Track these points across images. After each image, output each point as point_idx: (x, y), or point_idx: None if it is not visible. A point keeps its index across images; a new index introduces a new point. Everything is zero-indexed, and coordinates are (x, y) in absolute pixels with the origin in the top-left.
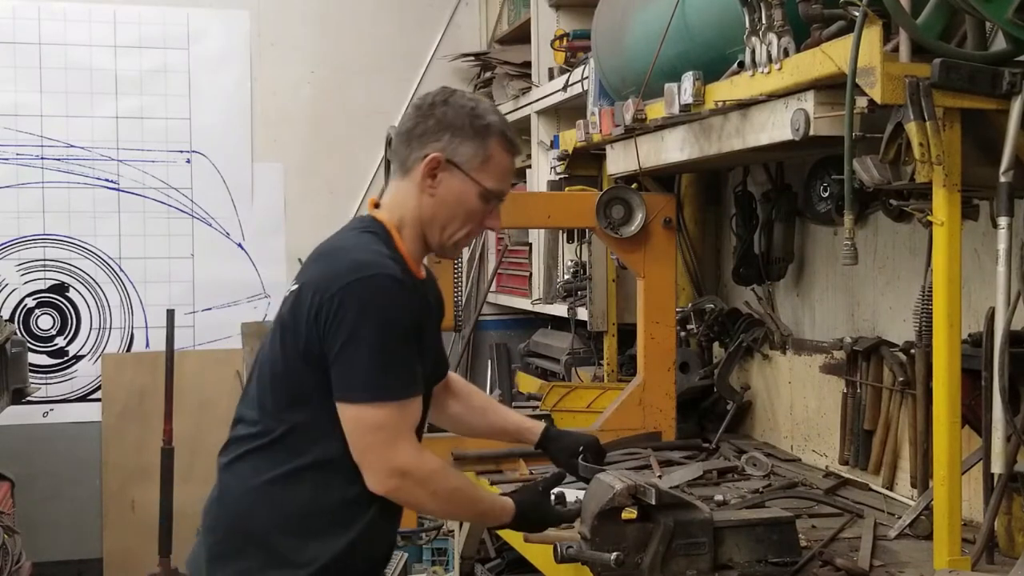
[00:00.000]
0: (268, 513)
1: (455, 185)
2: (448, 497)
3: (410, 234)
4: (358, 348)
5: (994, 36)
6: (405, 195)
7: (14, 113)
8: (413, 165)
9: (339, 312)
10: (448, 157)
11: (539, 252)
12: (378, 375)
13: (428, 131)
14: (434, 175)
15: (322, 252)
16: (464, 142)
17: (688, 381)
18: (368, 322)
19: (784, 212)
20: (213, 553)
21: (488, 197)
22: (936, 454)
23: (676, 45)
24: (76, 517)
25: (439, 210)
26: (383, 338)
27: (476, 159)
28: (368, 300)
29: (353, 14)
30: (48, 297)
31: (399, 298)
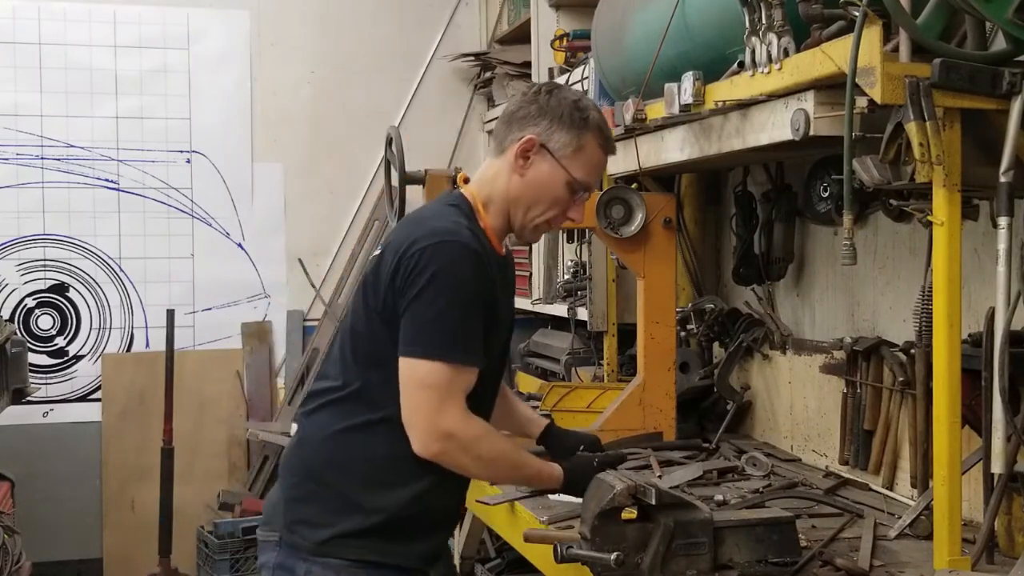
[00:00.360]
0: (342, 459)
1: (545, 169)
2: (492, 461)
3: (496, 210)
4: (425, 307)
5: (994, 36)
6: (497, 172)
7: (14, 113)
8: (509, 145)
9: (413, 271)
10: (543, 141)
11: (539, 252)
12: (439, 335)
13: (529, 115)
14: (527, 156)
15: (407, 219)
16: (561, 130)
17: (688, 381)
18: (438, 284)
19: (784, 212)
20: (290, 495)
21: (574, 187)
22: (936, 454)
23: (676, 45)
24: (76, 517)
25: (526, 191)
26: (450, 301)
27: (569, 148)
28: (442, 263)
29: (353, 14)
30: (48, 297)
31: (472, 266)
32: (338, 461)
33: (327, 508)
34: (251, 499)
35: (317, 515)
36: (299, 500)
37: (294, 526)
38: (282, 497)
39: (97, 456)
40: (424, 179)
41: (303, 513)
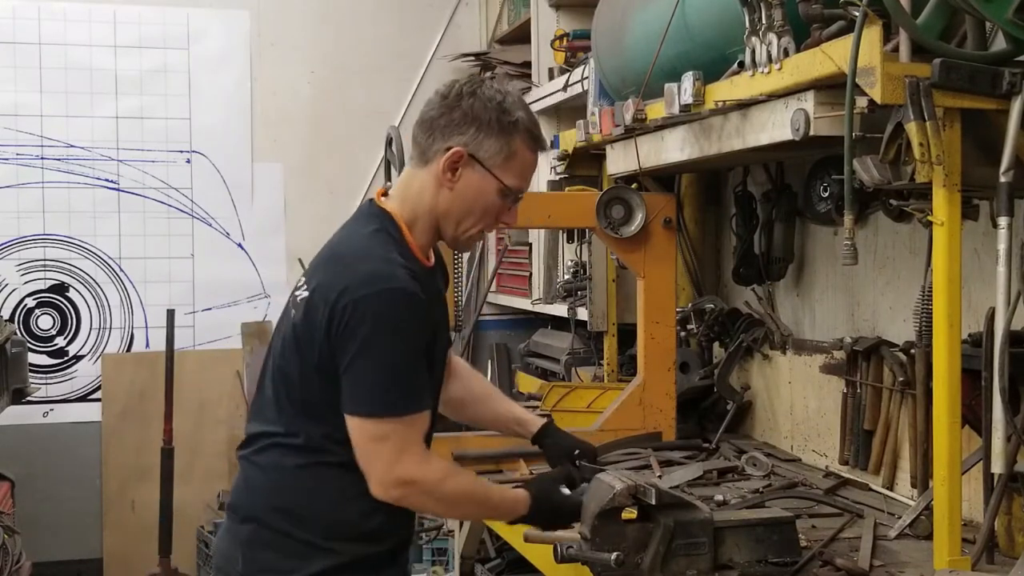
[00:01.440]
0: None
1: (475, 180)
2: (456, 501)
3: (423, 226)
4: (367, 362)
5: (994, 36)
6: (421, 186)
7: (14, 113)
8: (434, 156)
9: (350, 324)
10: (471, 152)
11: (539, 252)
12: (385, 391)
13: (452, 123)
14: (455, 169)
15: (334, 255)
16: (489, 137)
17: (688, 381)
18: (379, 337)
19: (784, 212)
20: (246, 542)
21: (507, 194)
22: (936, 454)
23: (676, 45)
24: (76, 517)
25: (456, 204)
26: (394, 354)
27: (500, 156)
28: (381, 314)
29: (353, 14)
30: (48, 297)
31: (413, 313)
32: (294, 504)
33: (289, 552)
34: None
35: (279, 561)
36: (257, 546)
37: (256, 575)
38: (237, 545)
39: (97, 456)
40: None
41: (263, 561)
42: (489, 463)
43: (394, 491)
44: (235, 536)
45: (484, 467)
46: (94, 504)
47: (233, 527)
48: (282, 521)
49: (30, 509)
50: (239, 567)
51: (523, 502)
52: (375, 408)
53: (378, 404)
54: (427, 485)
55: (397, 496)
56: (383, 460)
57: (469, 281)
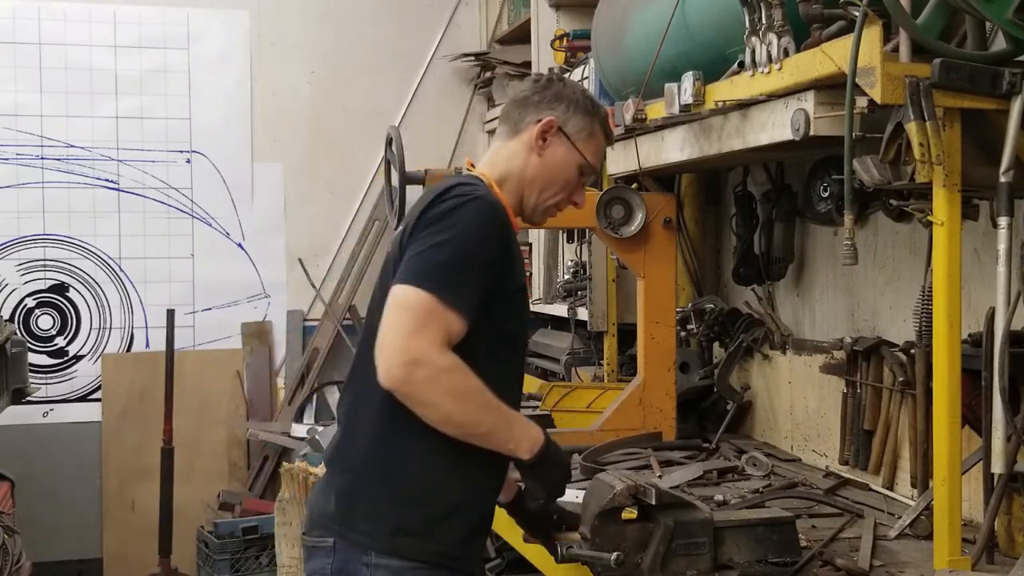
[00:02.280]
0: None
1: (561, 151)
2: (466, 396)
3: (510, 188)
4: (430, 242)
5: (994, 36)
6: (511, 153)
7: (14, 113)
8: (526, 127)
9: (428, 214)
10: (561, 124)
11: (539, 252)
12: (435, 270)
13: (545, 99)
14: (545, 138)
15: (424, 194)
16: (576, 115)
17: (688, 381)
18: (450, 226)
19: (784, 212)
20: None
21: (584, 170)
22: (936, 454)
23: (676, 45)
24: (76, 517)
25: (542, 171)
26: (456, 244)
27: (584, 132)
28: (458, 207)
29: (353, 14)
30: (48, 297)
31: (488, 216)
32: (392, 457)
33: (389, 502)
34: (251, 499)
35: (378, 510)
36: (357, 497)
37: (355, 523)
38: (334, 496)
39: (97, 456)
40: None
41: (363, 510)
42: None
43: (398, 371)
44: (333, 487)
45: None
46: (94, 504)
47: (334, 478)
48: (379, 475)
49: (30, 509)
50: (336, 517)
51: (537, 428)
52: (416, 279)
53: (421, 277)
54: (435, 368)
55: (400, 378)
56: (398, 331)
57: None
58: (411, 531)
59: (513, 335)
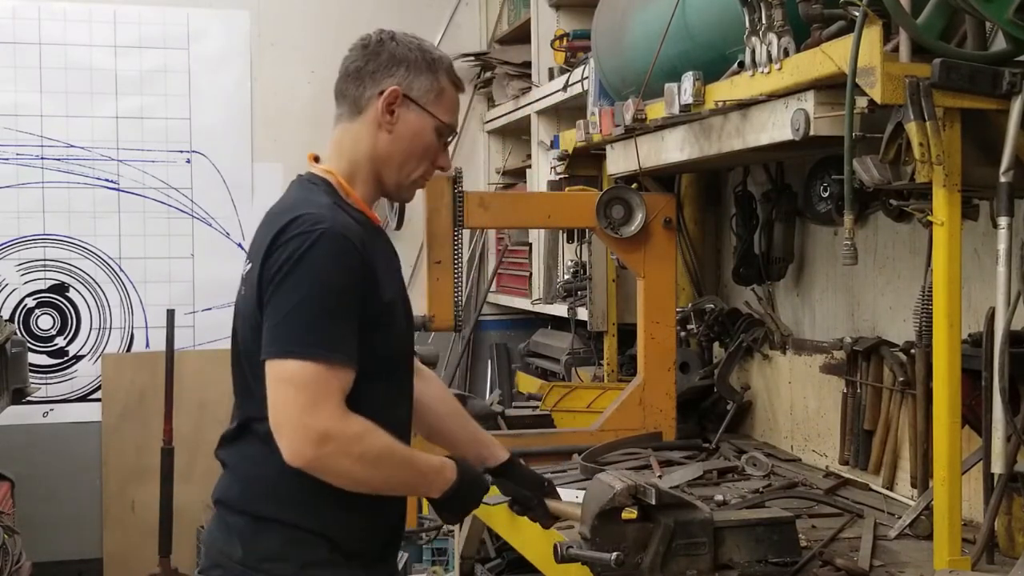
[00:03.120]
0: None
1: (412, 119)
2: (378, 461)
3: (364, 176)
4: (285, 301)
5: (994, 36)
6: (356, 136)
7: (14, 113)
8: (368, 103)
9: (275, 265)
10: (405, 92)
11: (539, 252)
12: (304, 331)
13: (381, 66)
14: (392, 110)
15: (265, 220)
16: (419, 75)
17: (688, 381)
18: (300, 276)
19: (784, 212)
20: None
21: (443, 131)
22: (936, 454)
23: (676, 45)
24: (76, 517)
25: (396, 146)
26: (315, 293)
27: (431, 92)
28: (304, 253)
29: (353, 14)
30: (48, 297)
31: (341, 253)
32: (292, 498)
33: (287, 539)
34: None
35: (280, 547)
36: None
37: (258, 563)
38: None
39: (97, 456)
40: None
41: (264, 550)
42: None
43: (308, 450)
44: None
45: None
46: (94, 504)
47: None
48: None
49: (30, 509)
50: (238, 555)
51: (450, 468)
52: (290, 347)
53: (293, 343)
54: (345, 441)
55: (311, 457)
56: (295, 407)
57: (469, 281)
58: (319, 563)
59: (391, 355)
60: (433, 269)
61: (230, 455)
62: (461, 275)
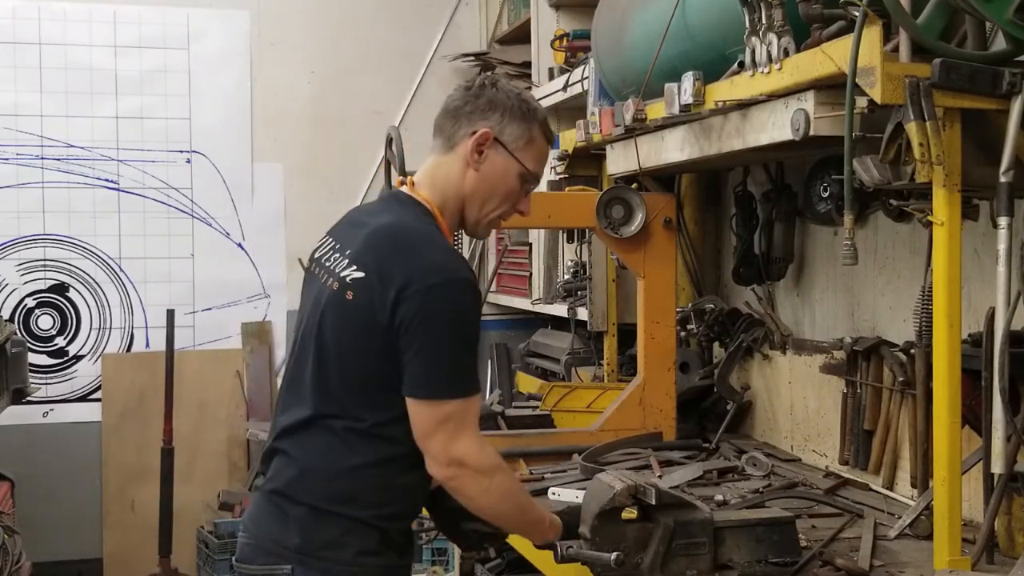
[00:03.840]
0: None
1: (499, 162)
2: (501, 496)
3: (451, 209)
4: (437, 349)
5: (994, 36)
6: (448, 170)
7: (14, 113)
8: (460, 141)
9: (422, 310)
10: (496, 135)
11: (539, 252)
12: (452, 375)
13: (478, 109)
14: (481, 151)
15: (390, 238)
16: (512, 122)
17: (688, 381)
18: (449, 325)
19: (784, 212)
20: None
21: (526, 178)
22: (936, 454)
23: (676, 45)
24: (76, 517)
25: (481, 185)
26: (461, 341)
27: (521, 140)
28: (451, 303)
29: (353, 14)
30: (48, 297)
31: (475, 301)
32: (357, 493)
33: (345, 529)
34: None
35: (339, 538)
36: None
37: (316, 551)
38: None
39: (97, 456)
40: None
41: (323, 539)
42: None
43: (447, 470)
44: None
45: None
46: (94, 504)
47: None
48: (340, 508)
49: (30, 509)
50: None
51: (556, 527)
52: (442, 392)
53: (444, 388)
54: (480, 469)
55: (449, 475)
56: (443, 438)
57: None
58: (371, 551)
59: None
60: None
61: (293, 445)
62: None
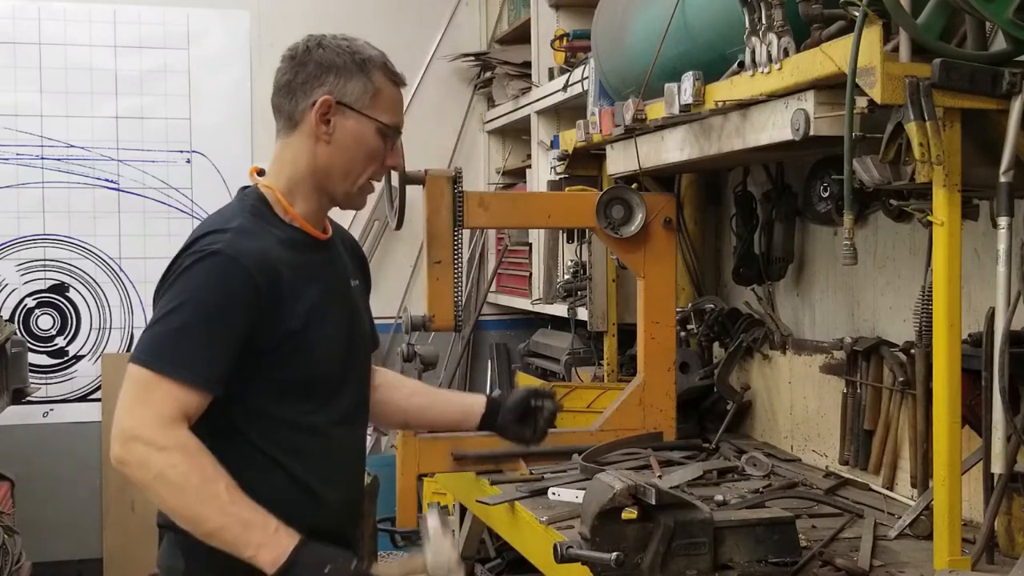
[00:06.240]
0: None
1: (350, 126)
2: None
3: (305, 191)
4: (161, 315)
5: (994, 36)
6: (296, 151)
7: (14, 113)
8: (302, 116)
9: (169, 274)
10: (338, 99)
11: (539, 252)
12: (162, 341)
13: (310, 77)
14: (327, 120)
15: None
16: (350, 80)
17: (688, 381)
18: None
19: (784, 212)
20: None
21: (386, 133)
22: (936, 454)
23: (676, 45)
24: (76, 517)
25: (338, 156)
26: (190, 312)
27: (366, 96)
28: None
29: (353, 14)
30: (48, 297)
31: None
32: None
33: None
34: None
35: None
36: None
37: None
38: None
39: (97, 456)
40: (424, 179)
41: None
42: (489, 463)
43: (117, 446)
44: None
45: (484, 467)
46: (94, 504)
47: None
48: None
49: (30, 509)
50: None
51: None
52: (141, 354)
53: (145, 351)
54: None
55: (118, 454)
56: (123, 406)
57: (469, 281)
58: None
59: (314, 381)
60: (433, 269)
61: None
62: (461, 275)
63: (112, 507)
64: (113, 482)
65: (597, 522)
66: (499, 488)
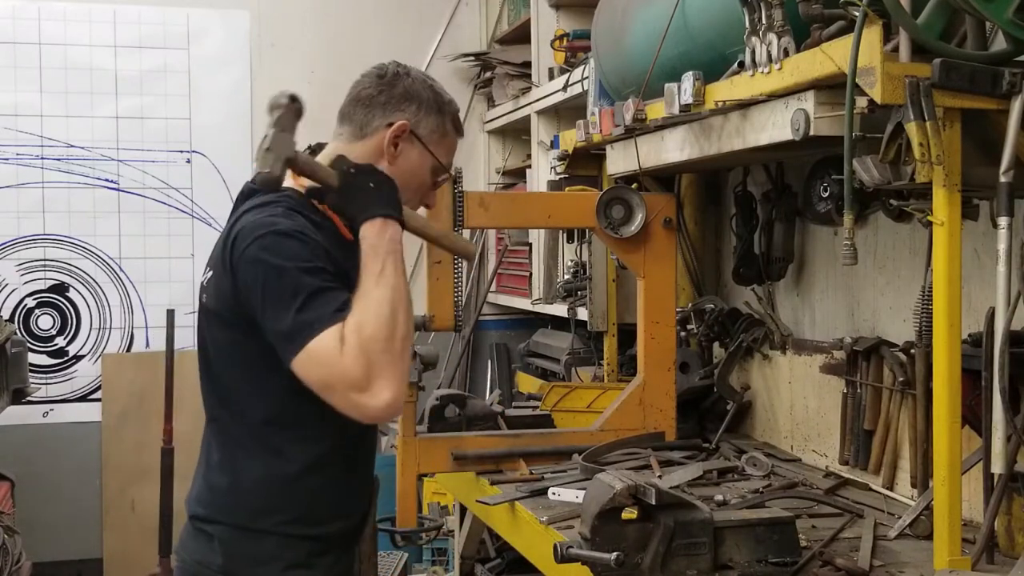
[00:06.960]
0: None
1: (414, 156)
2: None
3: None
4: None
5: (994, 36)
6: (358, 159)
7: (14, 113)
8: (373, 132)
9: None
10: (413, 128)
11: (539, 252)
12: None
13: (394, 99)
14: (396, 143)
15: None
16: (428, 115)
17: (688, 381)
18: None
19: (784, 212)
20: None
21: (438, 172)
22: (936, 454)
23: (676, 45)
24: (76, 517)
25: (395, 178)
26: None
27: (436, 133)
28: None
29: (353, 14)
30: (48, 297)
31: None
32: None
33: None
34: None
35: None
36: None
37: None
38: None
39: (97, 456)
40: None
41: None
42: (489, 463)
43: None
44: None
45: (484, 467)
46: (94, 504)
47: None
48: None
49: (30, 509)
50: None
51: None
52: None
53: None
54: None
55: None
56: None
57: (469, 281)
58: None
59: None
60: (433, 269)
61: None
62: (461, 275)
63: (112, 507)
64: (113, 482)
65: (597, 522)
66: (499, 488)
